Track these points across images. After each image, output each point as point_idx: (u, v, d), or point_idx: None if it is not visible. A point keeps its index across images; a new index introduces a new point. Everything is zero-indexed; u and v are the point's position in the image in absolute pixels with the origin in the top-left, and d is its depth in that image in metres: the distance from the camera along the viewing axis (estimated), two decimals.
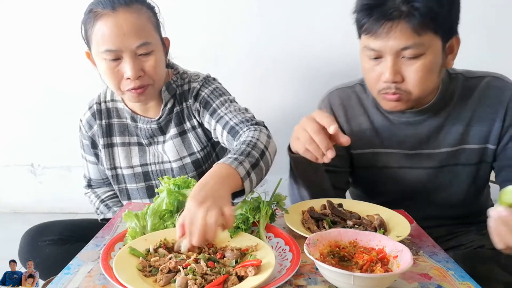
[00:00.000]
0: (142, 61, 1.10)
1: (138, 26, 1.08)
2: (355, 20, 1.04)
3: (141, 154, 1.28)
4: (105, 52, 1.07)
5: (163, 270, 0.74)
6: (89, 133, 1.30)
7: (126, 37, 1.06)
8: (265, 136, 1.04)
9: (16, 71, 2.31)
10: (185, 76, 1.26)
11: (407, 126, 1.15)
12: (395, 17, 0.95)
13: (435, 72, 1.03)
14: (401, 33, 0.96)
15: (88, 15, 1.09)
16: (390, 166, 1.19)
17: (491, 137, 1.11)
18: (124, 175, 1.29)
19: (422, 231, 0.99)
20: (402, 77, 1.01)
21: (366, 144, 1.20)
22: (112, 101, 1.28)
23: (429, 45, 0.98)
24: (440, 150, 1.14)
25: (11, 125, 2.39)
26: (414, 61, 0.99)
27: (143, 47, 1.08)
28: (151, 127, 1.24)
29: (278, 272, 0.77)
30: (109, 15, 1.06)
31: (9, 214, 2.50)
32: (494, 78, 1.12)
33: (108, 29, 1.06)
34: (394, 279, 0.73)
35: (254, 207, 0.95)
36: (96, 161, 1.34)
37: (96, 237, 0.96)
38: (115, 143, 1.28)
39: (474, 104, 1.11)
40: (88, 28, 1.10)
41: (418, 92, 1.02)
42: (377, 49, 1.00)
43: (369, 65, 1.05)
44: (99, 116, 1.27)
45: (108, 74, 1.11)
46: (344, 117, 1.22)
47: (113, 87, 1.14)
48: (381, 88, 1.04)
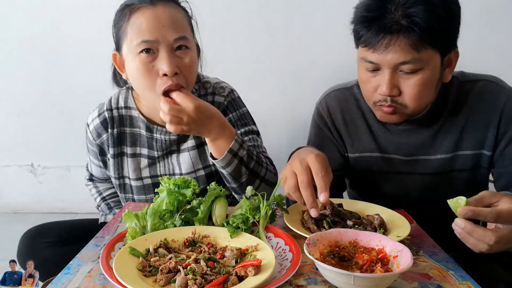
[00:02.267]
0: (179, 58, 1.04)
1: (177, 19, 1.05)
2: (353, 31, 1.02)
3: (151, 166, 1.23)
4: (141, 43, 1.01)
5: (163, 270, 0.74)
6: (97, 141, 1.24)
7: (165, 29, 1.02)
8: (270, 173, 1.12)
9: (16, 71, 2.31)
10: (208, 85, 1.22)
11: (403, 132, 1.15)
12: (394, 31, 0.93)
13: (432, 87, 1.02)
14: (400, 48, 0.94)
15: (122, 11, 1.07)
16: (386, 171, 1.19)
17: (486, 143, 1.11)
18: (132, 186, 1.24)
19: (422, 231, 0.99)
20: (399, 91, 1.00)
21: (363, 148, 1.20)
22: (126, 108, 1.22)
23: (428, 60, 0.96)
24: (436, 156, 1.14)
25: (11, 125, 2.39)
26: (411, 75, 0.97)
27: (180, 40, 1.04)
28: (169, 138, 1.19)
29: (278, 272, 0.77)
30: (147, 7, 1.03)
31: (9, 214, 2.50)
32: (488, 82, 1.11)
33: (146, 20, 1.02)
34: (394, 279, 0.73)
35: (254, 207, 0.95)
36: (101, 165, 1.30)
37: (96, 237, 0.96)
38: (125, 153, 1.23)
39: (468, 110, 1.10)
40: (121, 24, 1.06)
41: (413, 106, 1.02)
42: (375, 62, 0.99)
43: (366, 76, 1.04)
44: (110, 124, 1.21)
45: (142, 72, 1.03)
46: (342, 120, 1.22)
47: (146, 87, 1.05)
48: (377, 100, 1.04)
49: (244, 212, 0.92)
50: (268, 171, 1.14)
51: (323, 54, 2.17)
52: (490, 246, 0.75)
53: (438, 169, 1.14)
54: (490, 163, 1.13)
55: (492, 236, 0.74)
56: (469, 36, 1.10)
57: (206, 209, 0.96)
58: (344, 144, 1.23)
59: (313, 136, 1.28)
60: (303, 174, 0.88)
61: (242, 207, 0.94)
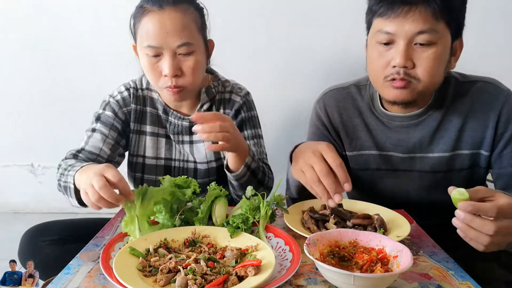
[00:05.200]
0: (181, 61, 1.12)
1: (182, 26, 1.10)
2: (369, 5, 1.05)
3: (167, 147, 1.29)
4: (147, 47, 1.11)
5: (163, 270, 0.74)
6: (124, 109, 1.26)
7: (169, 35, 1.09)
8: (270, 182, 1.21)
9: (16, 71, 2.31)
10: (227, 84, 1.30)
11: (401, 129, 1.15)
12: (413, 1, 0.96)
13: (443, 66, 1.03)
14: (420, 16, 0.96)
15: (138, 10, 1.14)
16: (385, 169, 1.20)
17: (484, 143, 1.11)
18: (146, 164, 1.28)
19: (422, 231, 0.99)
20: (413, 63, 1.01)
21: (361, 146, 1.21)
22: (147, 89, 1.29)
23: (442, 35, 0.99)
24: (434, 154, 1.14)
25: (11, 125, 2.39)
26: (426, 48, 0.99)
27: (183, 47, 1.11)
28: (182, 124, 1.26)
29: (278, 272, 0.77)
30: (155, 12, 1.10)
31: (9, 214, 2.50)
32: (486, 83, 1.12)
33: (153, 26, 1.10)
34: (394, 279, 0.73)
35: (254, 207, 0.95)
36: (110, 134, 1.23)
37: (96, 237, 0.96)
38: (145, 131, 1.28)
39: (466, 110, 1.11)
40: (136, 22, 1.15)
41: (426, 80, 1.01)
42: (392, 32, 1.00)
43: (378, 51, 1.04)
44: (134, 100, 1.27)
45: (148, 69, 1.14)
46: (339, 119, 1.23)
47: (152, 81, 1.18)
48: (389, 74, 1.03)
49: (244, 212, 0.92)
50: (270, 179, 1.23)
51: (323, 54, 2.17)
52: (490, 237, 0.74)
53: (437, 168, 1.15)
54: (488, 163, 1.13)
55: (491, 225, 0.74)
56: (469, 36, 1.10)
57: (206, 209, 0.96)
58: (342, 143, 1.24)
59: (311, 135, 1.29)
60: (320, 163, 0.89)
61: (242, 207, 0.94)
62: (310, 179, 0.90)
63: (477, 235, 0.76)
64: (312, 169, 0.90)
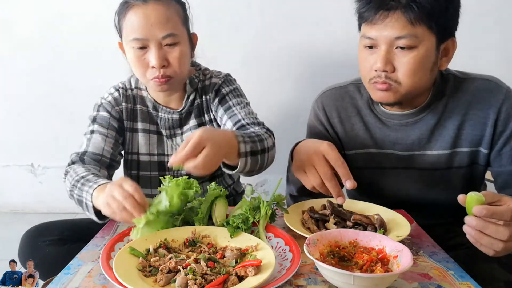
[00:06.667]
0: (167, 52, 1.14)
1: (166, 18, 1.13)
2: (356, 9, 1.07)
3: (159, 143, 1.31)
4: (133, 40, 1.13)
5: (163, 270, 0.74)
6: (117, 107, 1.28)
7: (153, 27, 1.11)
8: (271, 141, 1.10)
9: (16, 71, 2.31)
10: (207, 72, 1.32)
11: (399, 127, 1.16)
12: (392, 8, 0.99)
13: (427, 68, 1.03)
14: (397, 23, 0.99)
15: (122, 6, 1.16)
16: (384, 167, 1.20)
17: (483, 141, 1.11)
18: (140, 161, 1.31)
19: (422, 231, 0.99)
20: (393, 67, 1.03)
21: (359, 144, 1.21)
22: (137, 88, 1.32)
23: (422, 38, 1.00)
24: (433, 152, 1.14)
25: (11, 125, 2.39)
26: (406, 52, 1.00)
27: (168, 38, 1.13)
28: (172, 117, 1.28)
29: (278, 272, 0.77)
30: (139, 6, 1.12)
31: (9, 214, 2.50)
32: (485, 81, 1.12)
33: (137, 19, 1.12)
34: (394, 279, 0.73)
35: (254, 207, 0.95)
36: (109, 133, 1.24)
37: (96, 237, 0.96)
38: (137, 128, 1.30)
39: (465, 107, 1.11)
40: (120, 18, 1.17)
41: (407, 83, 1.03)
42: (373, 38, 1.03)
43: (364, 54, 1.07)
44: (125, 99, 1.29)
45: (135, 62, 1.16)
46: (338, 118, 1.23)
47: (139, 75, 1.19)
48: (372, 77, 1.06)
49: (244, 212, 0.93)
50: (270, 137, 1.11)
51: (323, 54, 2.17)
52: (504, 243, 0.74)
53: (436, 165, 1.15)
54: (487, 161, 1.14)
55: (505, 230, 0.73)
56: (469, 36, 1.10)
57: (206, 209, 0.96)
58: (341, 142, 1.24)
59: (310, 135, 1.30)
60: (323, 166, 0.91)
61: (242, 207, 0.94)
62: (313, 182, 0.93)
63: (491, 242, 0.76)
64: (315, 170, 0.91)
